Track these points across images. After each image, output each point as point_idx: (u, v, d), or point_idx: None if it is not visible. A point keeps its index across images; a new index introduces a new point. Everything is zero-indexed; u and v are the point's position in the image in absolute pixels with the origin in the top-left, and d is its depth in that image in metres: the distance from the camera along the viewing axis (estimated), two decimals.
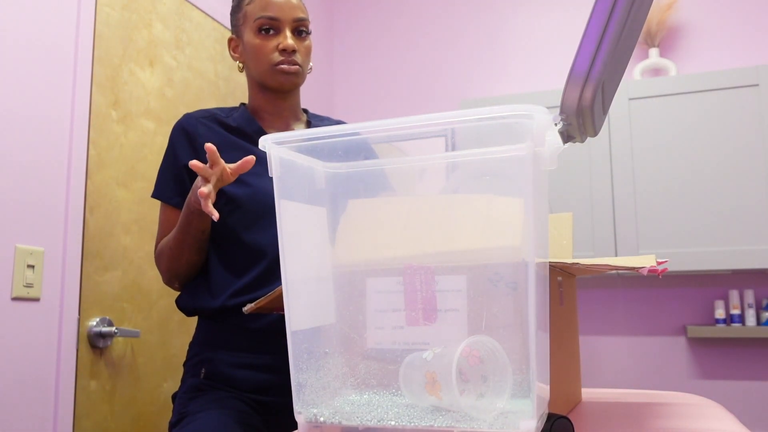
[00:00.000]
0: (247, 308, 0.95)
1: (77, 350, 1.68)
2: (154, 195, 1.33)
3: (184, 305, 1.31)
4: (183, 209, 1.19)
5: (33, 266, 1.56)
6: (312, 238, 0.78)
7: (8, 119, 1.54)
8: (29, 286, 1.55)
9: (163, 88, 2.08)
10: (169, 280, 1.32)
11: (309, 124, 1.39)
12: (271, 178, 0.73)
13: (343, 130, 0.69)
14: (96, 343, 1.73)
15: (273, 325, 1.23)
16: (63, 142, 1.68)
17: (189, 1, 2.23)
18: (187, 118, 1.32)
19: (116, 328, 1.76)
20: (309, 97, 3.10)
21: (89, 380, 1.71)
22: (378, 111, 3.31)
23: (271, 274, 1.24)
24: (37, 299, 1.58)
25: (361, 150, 0.74)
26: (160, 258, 1.30)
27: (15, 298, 1.52)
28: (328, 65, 3.37)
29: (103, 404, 1.75)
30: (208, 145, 1.00)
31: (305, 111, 1.42)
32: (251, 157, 1.03)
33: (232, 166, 1.04)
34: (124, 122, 1.90)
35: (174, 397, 1.30)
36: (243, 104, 1.38)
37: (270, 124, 1.35)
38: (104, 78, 1.84)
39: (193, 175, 1.27)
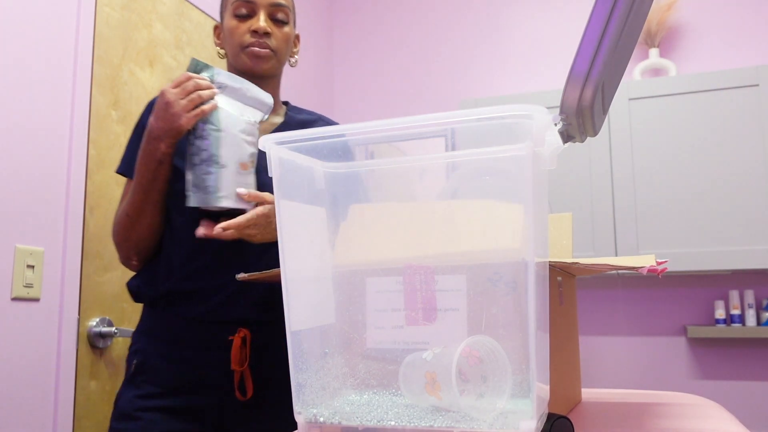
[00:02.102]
0: (241, 276, 0.98)
1: (77, 350, 1.68)
2: (123, 171, 1.26)
3: (132, 288, 1.24)
4: (143, 160, 1.11)
5: (33, 266, 1.56)
6: (312, 238, 0.78)
7: (8, 119, 1.54)
8: (29, 286, 1.55)
9: None
10: (127, 255, 1.23)
11: (287, 117, 1.34)
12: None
13: (343, 130, 0.69)
14: (96, 343, 1.73)
15: (210, 314, 1.18)
16: (63, 142, 1.68)
17: (189, 1, 2.23)
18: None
19: (116, 328, 1.76)
20: (309, 97, 3.10)
21: (89, 380, 1.71)
22: (378, 111, 3.31)
23: (218, 263, 1.18)
24: (36, 299, 1.58)
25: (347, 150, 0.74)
26: (117, 231, 1.22)
27: (15, 298, 1.52)
28: (328, 65, 3.37)
29: (103, 404, 1.74)
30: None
31: (286, 104, 1.37)
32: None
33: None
34: (124, 122, 1.90)
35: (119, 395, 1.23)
36: None
37: None
38: (104, 78, 1.84)
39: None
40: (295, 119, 1.33)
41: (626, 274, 2.70)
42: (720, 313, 2.63)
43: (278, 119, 1.32)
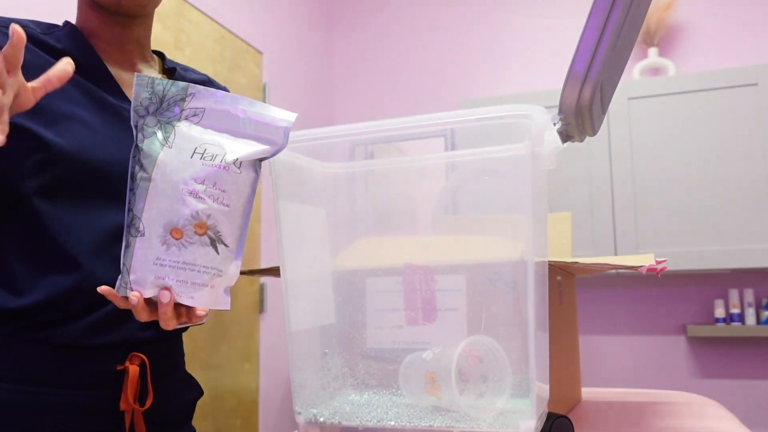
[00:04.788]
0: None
1: None
2: None
3: None
4: None
5: None
6: (312, 238, 0.78)
7: None
8: None
9: None
10: None
11: (167, 74, 1.01)
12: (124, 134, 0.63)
13: (343, 130, 0.69)
14: None
15: (89, 336, 0.81)
16: None
17: (188, 2, 2.23)
18: None
19: None
20: (309, 97, 3.10)
21: None
22: (378, 111, 3.31)
23: (93, 279, 0.80)
24: None
25: None
26: None
27: None
28: (327, 65, 3.37)
29: None
30: (14, 26, 0.57)
31: (160, 55, 1.03)
32: (67, 63, 0.64)
33: (38, 79, 0.63)
34: None
35: None
36: (68, 23, 0.93)
37: (108, 56, 0.91)
38: None
39: None
40: (185, 78, 1.02)
41: (626, 273, 2.70)
42: (720, 312, 2.63)
43: (153, 73, 0.99)
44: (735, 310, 2.61)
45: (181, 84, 0.69)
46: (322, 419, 0.70)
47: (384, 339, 0.73)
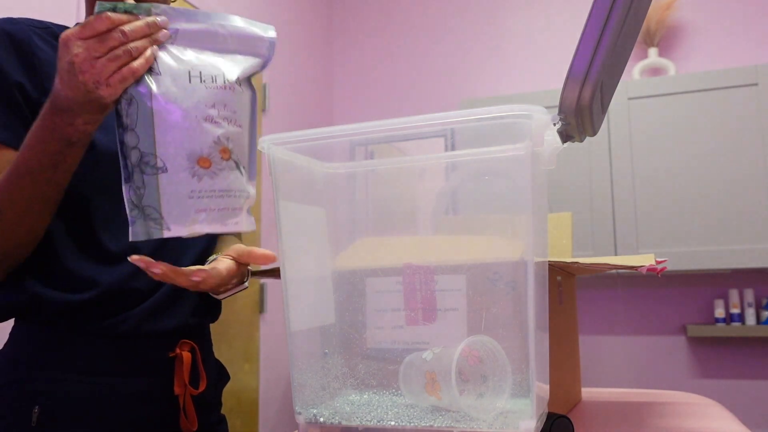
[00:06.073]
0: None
1: None
2: None
3: (20, 302, 0.82)
4: (42, 137, 0.70)
5: None
6: (312, 238, 0.78)
7: None
8: None
9: None
10: None
11: None
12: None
13: (343, 130, 0.69)
14: None
15: (145, 325, 0.85)
16: None
17: (188, 2, 2.23)
18: (11, 22, 0.85)
19: None
20: (309, 96, 3.10)
21: None
22: (378, 111, 3.31)
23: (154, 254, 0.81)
24: None
25: None
26: None
27: None
28: (327, 65, 3.37)
29: None
30: None
31: None
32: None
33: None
34: None
35: None
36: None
37: None
38: None
39: (28, 96, 0.80)
40: None
41: (626, 273, 2.69)
42: (720, 312, 2.63)
43: None
44: (735, 310, 2.61)
45: (144, 6, 0.63)
46: (322, 419, 0.70)
47: (384, 339, 0.73)
